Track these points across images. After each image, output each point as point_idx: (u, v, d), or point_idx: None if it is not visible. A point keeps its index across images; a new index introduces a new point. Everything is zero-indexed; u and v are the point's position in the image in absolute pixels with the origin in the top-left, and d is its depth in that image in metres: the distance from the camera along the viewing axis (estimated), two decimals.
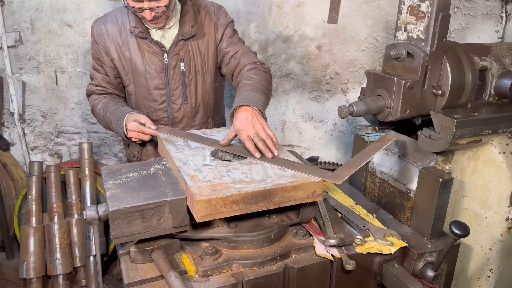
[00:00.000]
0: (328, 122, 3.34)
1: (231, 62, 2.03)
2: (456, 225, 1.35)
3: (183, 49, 1.99)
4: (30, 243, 2.73)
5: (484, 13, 2.83)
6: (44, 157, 3.24)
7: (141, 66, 1.99)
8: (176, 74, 2.01)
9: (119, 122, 1.89)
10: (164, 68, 1.99)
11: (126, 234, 1.25)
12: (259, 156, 1.52)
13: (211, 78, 2.10)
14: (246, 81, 1.85)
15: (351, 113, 1.64)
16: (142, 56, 1.98)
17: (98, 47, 2.02)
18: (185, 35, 1.97)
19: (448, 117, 1.51)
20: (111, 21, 2.01)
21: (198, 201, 1.20)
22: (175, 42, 1.97)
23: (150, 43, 1.96)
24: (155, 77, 2.00)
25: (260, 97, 1.70)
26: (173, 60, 1.99)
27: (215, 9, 2.06)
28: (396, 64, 1.66)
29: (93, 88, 2.10)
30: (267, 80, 1.91)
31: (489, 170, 1.62)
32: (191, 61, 2.02)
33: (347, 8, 3.03)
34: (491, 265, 1.69)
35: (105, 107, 2.00)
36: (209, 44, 2.04)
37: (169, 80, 2.01)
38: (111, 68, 2.04)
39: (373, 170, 1.91)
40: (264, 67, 2.00)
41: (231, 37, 2.06)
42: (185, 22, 1.97)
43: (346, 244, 1.46)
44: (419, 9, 1.56)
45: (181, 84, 2.03)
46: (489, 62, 1.69)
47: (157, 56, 1.98)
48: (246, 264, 1.35)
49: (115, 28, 1.99)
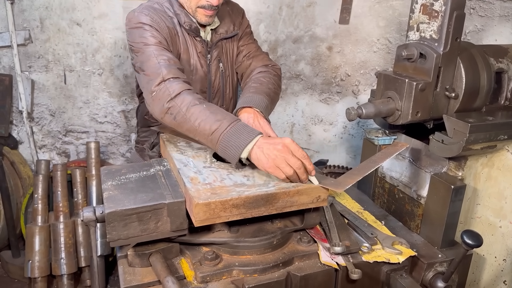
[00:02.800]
0: (338, 125, 3.27)
1: (243, 61, 2.00)
2: (468, 234, 1.28)
3: (221, 50, 1.95)
4: (36, 242, 2.71)
5: (501, 14, 2.73)
6: (52, 156, 3.23)
7: (192, 64, 1.87)
8: (218, 75, 1.95)
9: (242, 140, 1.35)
10: (208, 69, 1.91)
11: (122, 237, 1.21)
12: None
13: (236, 77, 2.07)
14: (253, 83, 1.81)
15: (359, 116, 1.58)
16: (192, 54, 1.86)
17: (155, 32, 1.69)
18: (227, 34, 1.93)
19: (462, 121, 1.44)
20: (156, 12, 1.75)
21: (197, 205, 1.15)
22: (217, 41, 1.90)
23: (198, 42, 1.86)
24: (200, 77, 1.90)
25: (264, 99, 1.66)
26: (215, 61, 1.92)
27: (238, 10, 2.05)
28: (408, 65, 1.59)
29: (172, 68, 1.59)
30: (275, 83, 1.87)
31: (504, 177, 1.54)
32: (226, 61, 1.98)
33: (359, 9, 2.96)
34: (505, 277, 1.61)
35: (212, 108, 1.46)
36: (233, 43, 2.00)
37: (211, 80, 1.93)
38: None
39: (382, 175, 1.85)
40: (275, 68, 1.96)
41: (248, 37, 2.04)
42: (225, 21, 1.94)
43: (352, 252, 1.41)
44: (432, 8, 1.49)
45: (221, 85, 1.97)
46: (506, 64, 1.61)
47: (203, 56, 1.89)
48: (247, 271, 1.30)
49: (165, 20, 1.76)
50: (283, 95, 3.21)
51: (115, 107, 3.14)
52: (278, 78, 1.93)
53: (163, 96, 1.50)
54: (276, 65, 1.99)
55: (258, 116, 1.56)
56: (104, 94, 3.10)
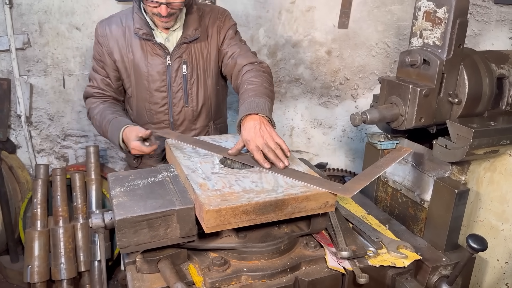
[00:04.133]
0: (337, 128, 3.29)
1: (229, 62, 2.01)
2: (473, 238, 1.30)
3: (186, 52, 1.98)
4: (35, 246, 2.70)
5: (497, 19, 2.77)
6: (50, 160, 3.22)
7: (143, 68, 1.98)
8: (178, 76, 2.00)
9: (115, 132, 1.87)
10: (166, 71, 1.98)
11: (132, 244, 1.22)
12: (268, 167, 1.46)
13: (212, 81, 2.09)
14: (248, 85, 1.80)
15: (364, 121, 1.60)
16: (145, 57, 1.97)
17: (101, 48, 2.01)
18: (189, 38, 1.96)
19: (465, 126, 1.46)
20: (115, 22, 2.00)
21: (207, 211, 1.16)
22: (179, 44, 1.96)
23: (153, 45, 1.96)
24: (157, 80, 2.00)
25: (266, 102, 1.66)
26: (175, 63, 1.98)
27: (219, 13, 2.07)
28: (411, 71, 1.61)
29: (91, 90, 2.08)
30: (268, 81, 1.87)
31: (506, 181, 1.56)
32: (194, 64, 2.01)
33: (358, 13, 2.99)
34: (507, 279, 1.63)
35: (103, 113, 1.98)
36: (211, 47, 2.04)
37: (171, 83, 2.00)
38: (113, 69, 2.03)
39: (385, 179, 1.86)
40: (262, 66, 1.95)
41: (232, 38, 2.05)
42: (189, 25, 1.97)
43: (358, 256, 1.42)
44: (436, 15, 1.51)
45: (183, 87, 2.02)
46: (507, 70, 1.64)
47: (160, 58, 1.97)
48: (255, 276, 1.30)
49: (119, 30, 1.98)
50: (282, 98, 3.23)
51: None
52: (268, 75, 1.92)
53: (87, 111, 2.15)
54: (263, 62, 1.98)
55: (264, 122, 1.56)
56: None
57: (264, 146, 1.48)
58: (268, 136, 1.51)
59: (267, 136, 1.51)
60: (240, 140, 1.56)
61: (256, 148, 1.48)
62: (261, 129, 1.52)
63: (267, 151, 1.48)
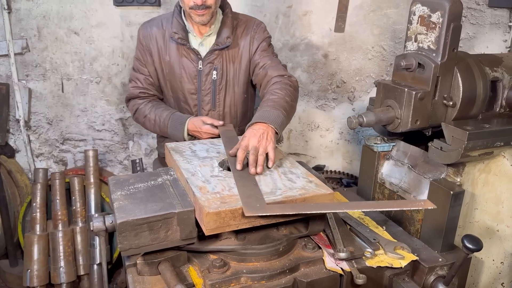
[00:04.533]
0: (335, 131, 3.32)
1: (259, 72, 2.08)
2: (469, 239, 1.32)
3: (217, 59, 2.07)
4: (34, 250, 2.71)
5: (492, 22, 2.81)
6: (49, 164, 3.23)
7: (177, 69, 2.08)
8: (208, 81, 2.09)
9: (178, 126, 2.02)
10: (197, 75, 2.08)
11: (133, 247, 1.23)
12: (239, 169, 1.48)
13: (240, 89, 2.17)
14: (270, 95, 1.87)
15: (361, 124, 1.62)
16: (180, 60, 2.07)
17: (143, 49, 2.12)
18: (220, 45, 2.04)
19: (460, 128, 1.49)
20: (156, 25, 2.11)
21: (207, 214, 1.18)
22: (211, 50, 2.05)
23: (188, 49, 2.05)
24: (188, 82, 2.10)
25: (280, 115, 1.71)
26: (206, 68, 2.07)
27: (254, 24, 2.15)
28: (406, 74, 1.64)
29: (135, 91, 2.16)
30: (291, 95, 1.92)
31: (501, 183, 1.59)
32: (223, 71, 2.09)
33: (354, 17, 3.02)
34: (502, 279, 1.66)
35: (156, 112, 2.10)
36: (242, 57, 2.11)
37: (201, 86, 2.10)
38: (154, 69, 2.14)
39: (382, 181, 1.89)
40: (291, 79, 2.02)
41: (264, 50, 2.12)
42: (223, 32, 2.05)
43: (356, 257, 1.44)
44: (430, 19, 1.54)
45: (211, 91, 2.11)
46: (501, 73, 1.67)
47: (192, 63, 2.06)
48: (254, 278, 1.32)
49: (159, 32, 2.09)
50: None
51: (112, 115, 3.15)
52: (294, 89, 1.98)
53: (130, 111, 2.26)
54: (292, 76, 2.05)
55: (269, 133, 1.59)
56: (101, 102, 3.11)
57: (252, 148, 1.52)
58: (263, 144, 1.55)
59: (263, 143, 1.54)
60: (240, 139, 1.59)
61: (244, 147, 1.52)
62: (262, 135, 1.56)
63: (251, 153, 1.51)
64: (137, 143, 3.25)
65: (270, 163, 1.53)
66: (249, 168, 1.47)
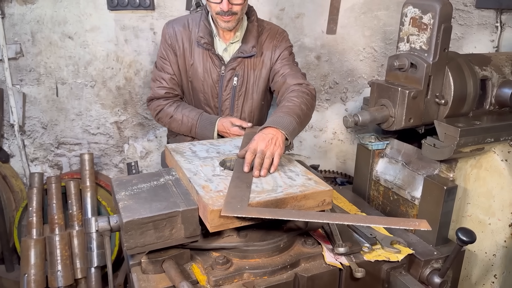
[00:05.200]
0: (328, 131, 3.37)
1: (279, 80, 2.12)
2: (462, 232, 1.37)
3: (239, 66, 2.11)
4: (31, 255, 2.71)
5: (479, 23, 2.88)
6: (44, 169, 3.22)
7: (200, 73, 2.13)
8: (229, 87, 2.14)
9: (208, 126, 2.08)
10: (219, 79, 2.12)
11: (139, 245, 1.26)
12: (247, 171, 1.49)
13: (259, 96, 2.21)
14: (286, 102, 1.90)
15: (356, 123, 1.67)
16: (204, 64, 2.11)
17: (167, 46, 2.14)
18: (245, 53, 2.08)
19: (452, 126, 1.54)
20: (182, 25, 2.13)
21: (212, 211, 1.21)
22: (234, 57, 2.09)
23: (212, 54, 2.09)
24: (210, 86, 2.15)
25: (292, 121, 1.73)
26: (228, 74, 2.12)
27: (277, 33, 2.19)
28: (399, 74, 1.69)
29: (161, 91, 2.17)
30: (308, 103, 1.94)
31: (492, 178, 1.65)
32: (244, 78, 2.14)
33: (346, 19, 3.08)
34: (495, 271, 1.71)
35: (183, 111, 2.14)
36: (264, 64, 2.15)
37: (221, 91, 2.15)
38: (178, 68, 2.16)
39: (377, 178, 1.93)
40: (309, 88, 2.04)
41: (285, 58, 2.16)
42: (248, 40, 2.09)
43: (354, 252, 1.48)
44: (422, 21, 1.60)
45: (231, 97, 2.16)
46: (490, 72, 1.73)
47: (216, 68, 2.11)
48: (257, 273, 1.35)
49: (185, 32, 2.12)
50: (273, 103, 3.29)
51: (107, 119, 3.16)
52: (311, 98, 2.00)
53: (151, 111, 2.27)
54: (310, 84, 2.08)
55: (279, 138, 1.61)
56: (96, 106, 3.12)
57: (259, 152, 1.54)
58: (271, 148, 1.56)
59: (271, 147, 1.56)
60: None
61: (253, 150, 1.54)
62: (271, 140, 1.58)
63: (258, 156, 1.53)
64: (132, 146, 3.26)
65: (272, 169, 1.53)
66: (253, 171, 1.49)
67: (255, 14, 2.16)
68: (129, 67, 3.05)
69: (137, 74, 3.07)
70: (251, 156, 1.53)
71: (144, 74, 3.08)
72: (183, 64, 2.14)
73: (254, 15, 2.14)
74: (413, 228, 1.32)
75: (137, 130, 3.22)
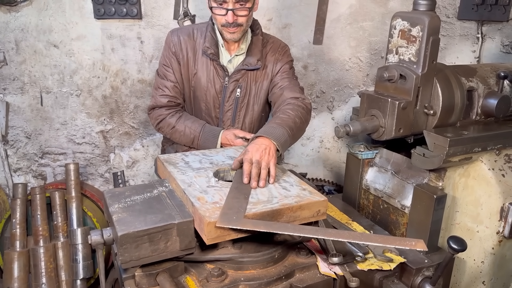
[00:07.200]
0: (315, 139, 3.40)
1: (276, 92, 2.14)
2: (454, 240, 1.39)
3: (242, 78, 2.13)
4: (15, 268, 2.63)
5: (461, 34, 2.96)
6: (27, 179, 3.16)
7: (204, 82, 2.14)
8: (231, 98, 2.16)
9: (211, 139, 2.09)
10: (222, 90, 2.13)
11: (134, 258, 1.24)
12: (246, 182, 1.50)
13: (259, 108, 2.23)
14: (281, 114, 1.92)
15: (347, 133, 1.68)
16: (208, 74, 2.11)
17: (171, 54, 2.13)
18: (249, 66, 2.10)
19: (441, 136, 1.57)
20: (187, 34, 2.14)
21: (208, 223, 1.21)
22: (239, 69, 2.11)
23: (217, 65, 2.10)
24: (213, 95, 2.16)
25: (284, 133, 1.75)
26: (231, 85, 2.13)
27: (280, 47, 2.22)
28: (389, 85, 1.72)
29: (163, 100, 2.15)
30: (302, 117, 1.97)
31: (479, 186, 1.68)
32: (247, 90, 2.16)
33: (332, 30, 3.12)
34: (483, 278, 1.75)
35: (186, 123, 2.13)
36: (265, 77, 2.17)
37: (224, 102, 2.16)
38: (180, 76, 2.15)
39: (367, 187, 1.96)
40: (304, 102, 2.07)
41: (285, 72, 2.19)
42: (253, 53, 2.11)
43: (347, 261, 1.49)
44: (410, 33, 1.63)
45: (233, 108, 2.17)
46: (476, 83, 1.78)
47: (220, 79, 2.11)
48: (252, 285, 1.35)
49: (190, 42, 2.13)
50: None
51: (93, 128, 3.12)
52: (306, 112, 2.03)
53: (152, 120, 2.23)
54: (306, 99, 2.10)
55: (271, 149, 1.62)
56: (82, 115, 3.08)
57: (255, 161, 1.54)
58: (266, 159, 1.57)
59: (265, 158, 1.57)
60: (242, 152, 1.62)
61: (249, 160, 1.54)
62: (264, 150, 1.60)
63: (254, 166, 1.54)
64: (118, 155, 3.23)
65: (271, 180, 1.54)
66: (251, 182, 1.49)
67: (260, 27, 2.19)
68: (116, 76, 3.02)
69: (124, 83, 3.05)
70: (250, 167, 1.53)
71: (131, 83, 3.05)
72: (186, 73, 2.15)
73: (259, 28, 2.18)
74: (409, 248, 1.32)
75: (123, 139, 3.19)
